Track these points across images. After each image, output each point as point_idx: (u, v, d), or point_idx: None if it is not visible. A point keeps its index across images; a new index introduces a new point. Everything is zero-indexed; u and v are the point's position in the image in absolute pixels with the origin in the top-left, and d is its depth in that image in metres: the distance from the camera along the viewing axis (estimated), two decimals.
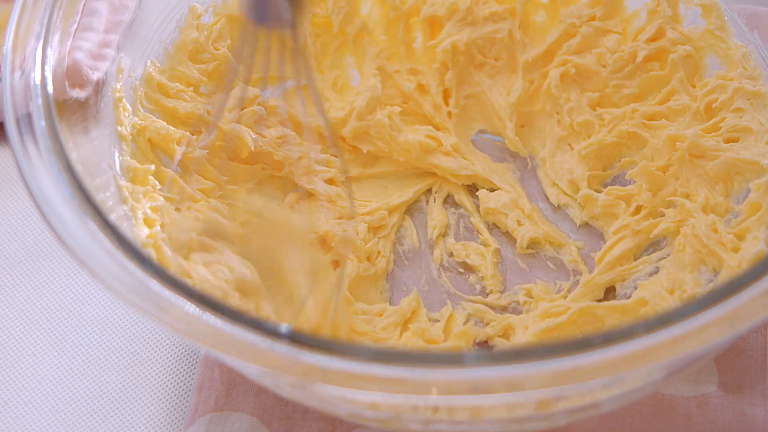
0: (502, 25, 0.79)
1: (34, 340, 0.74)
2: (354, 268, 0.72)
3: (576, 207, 0.76)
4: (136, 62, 0.70)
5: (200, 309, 0.53)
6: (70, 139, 0.60)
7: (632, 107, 0.76)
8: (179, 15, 0.74)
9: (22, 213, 0.80)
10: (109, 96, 0.68)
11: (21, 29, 0.63)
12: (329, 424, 0.67)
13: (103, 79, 0.67)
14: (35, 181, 0.57)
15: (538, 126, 0.79)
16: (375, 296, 0.73)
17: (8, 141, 0.59)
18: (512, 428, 0.62)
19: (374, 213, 0.75)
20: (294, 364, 0.51)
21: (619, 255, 0.71)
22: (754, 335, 0.69)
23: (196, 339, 0.53)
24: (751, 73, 0.72)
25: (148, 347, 0.73)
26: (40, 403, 0.71)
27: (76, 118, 0.63)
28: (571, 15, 0.78)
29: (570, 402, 0.57)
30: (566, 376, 0.51)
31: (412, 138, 0.77)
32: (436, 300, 0.73)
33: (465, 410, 0.57)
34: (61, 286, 0.76)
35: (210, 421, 0.67)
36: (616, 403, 0.61)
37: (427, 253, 0.76)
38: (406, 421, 0.59)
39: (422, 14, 0.79)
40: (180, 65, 0.73)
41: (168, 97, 0.72)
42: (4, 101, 0.60)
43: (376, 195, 0.77)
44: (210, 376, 0.69)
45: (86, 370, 0.72)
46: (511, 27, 0.79)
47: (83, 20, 0.67)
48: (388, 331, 0.70)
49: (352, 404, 0.58)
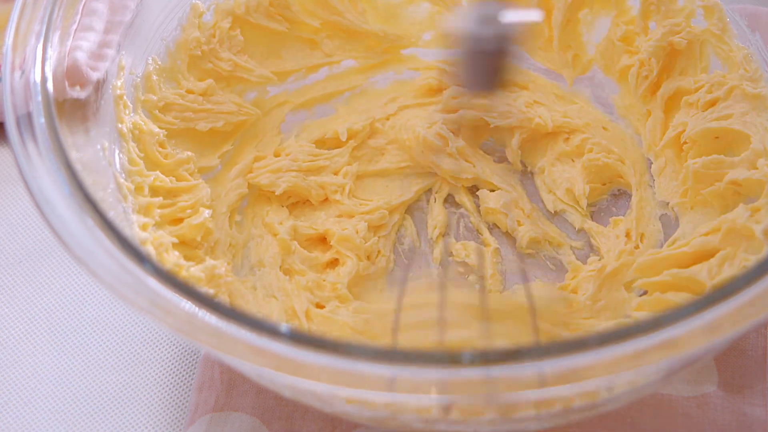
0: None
1: (34, 340, 0.74)
2: (354, 266, 0.72)
3: (574, 213, 0.76)
4: (137, 60, 0.71)
5: (199, 307, 0.53)
6: (69, 138, 0.60)
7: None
8: (181, 13, 0.74)
9: (22, 213, 0.80)
10: (109, 94, 0.68)
11: (21, 29, 0.63)
12: (329, 424, 0.67)
13: (103, 78, 0.67)
14: (35, 180, 0.57)
15: (543, 142, 0.79)
16: (375, 295, 0.73)
17: (8, 140, 0.59)
18: (512, 428, 0.62)
19: (374, 212, 0.75)
20: (294, 363, 0.51)
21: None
22: (754, 335, 0.69)
23: (196, 338, 0.53)
24: (752, 75, 0.72)
25: (147, 347, 0.73)
26: (40, 403, 0.71)
27: (76, 118, 0.63)
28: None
29: (569, 402, 0.57)
30: (565, 375, 0.51)
31: (420, 132, 0.77)
32: None
33: (464, 410, 0.57)
34: (61, 286, 0.76)
35: (210, 421, 0.67)
36: (616, 403, 0.61)
37: (427, 252, 0.76)
38: (405, 420, 0.59)
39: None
40: (179, 74, 0.74)
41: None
42: (5, 101, 0.60)
43: (377, 194, 0.77)
44: (210, 375, 0.69)
45: (86, 370, 0.72)
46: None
47: (83, 20, 0.67)
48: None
49: (352, 403, 0.58)
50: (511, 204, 0.75)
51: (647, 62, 0.75)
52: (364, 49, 0.80)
